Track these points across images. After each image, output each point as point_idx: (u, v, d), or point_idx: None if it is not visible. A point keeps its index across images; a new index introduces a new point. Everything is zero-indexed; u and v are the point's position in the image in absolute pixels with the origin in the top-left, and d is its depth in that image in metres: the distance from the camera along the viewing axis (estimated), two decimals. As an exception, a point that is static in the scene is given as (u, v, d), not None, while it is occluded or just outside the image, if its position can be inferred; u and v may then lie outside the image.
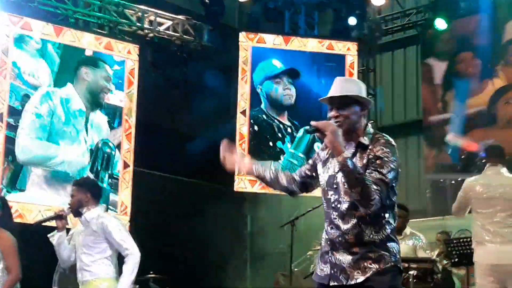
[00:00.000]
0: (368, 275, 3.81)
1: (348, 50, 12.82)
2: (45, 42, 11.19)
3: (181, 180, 12.42)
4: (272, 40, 12.78)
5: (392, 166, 3.85)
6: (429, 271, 8.01)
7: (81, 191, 6.24)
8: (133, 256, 6.02)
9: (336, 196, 3.96)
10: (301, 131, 12.64)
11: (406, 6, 13.79)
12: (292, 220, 9.55)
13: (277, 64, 12.75)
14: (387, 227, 3.95)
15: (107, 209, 10.86)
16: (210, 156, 12.38)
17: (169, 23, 12.51)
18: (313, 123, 3.89)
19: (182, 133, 12.54)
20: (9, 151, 10.65)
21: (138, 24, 12.28)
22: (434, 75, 13.52)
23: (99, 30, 11.91)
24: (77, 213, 6.18)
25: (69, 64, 11.37)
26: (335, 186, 3.98)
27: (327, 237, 4.01)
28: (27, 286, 6.61)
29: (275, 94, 12.80)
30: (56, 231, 6.26)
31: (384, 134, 4.13)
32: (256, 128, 12.68)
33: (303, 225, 10.28)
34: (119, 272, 6.24)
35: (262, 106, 12.77)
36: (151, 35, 12.43)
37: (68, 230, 6.60)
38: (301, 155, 12.57)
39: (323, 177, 4.11)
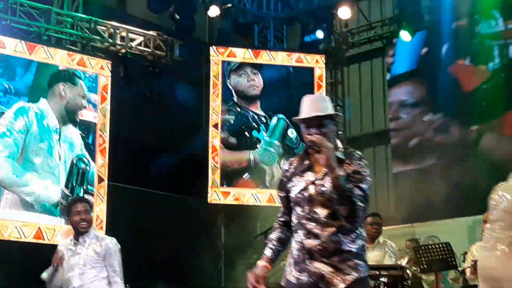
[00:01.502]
0: (348, 283, 3.76)
1: (317, 62, 12.76)
2: (16, 59, 11.18)
3: (156, 193, 12.19)
4: (242, 54, 12.59)
5: (368, 180, 3.87)
6: (399, 278, 7.83)
7: (90, 210, 6.26)
8: (119, 285, 6.03)
9: (310, 207, 3.90)
10: (274, 118, 12.66)
11: (371, 19, 13.66)
12: (265, 231, 9.55)
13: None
14: (361, 238, 3.93)
15: None
16: (183, 169, 12.54)
17: (141, 38, 12.28)
18: (312, 138, 3.85)
19: (155, 147, 12.38)
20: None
21: (110, 40, 12.06)
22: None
23: (71, 47, 11.74)
24: (85, 233, 6.09)
25: (41, 80, 11.22)
26: (308, 199, 3.91)
27: (302, 246, 3.88)
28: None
29: (241, 86, 12.72)
30: (50, 270, 6.11)
31: (352, 148, 4.16)
32: (232, 121, 12.57)
33: None
34: None
35: (235, 99, 12.66)
36: (123, 51, 12.17)
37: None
38: (277, 142, 12.55)
39: (294, 190, 4.00)
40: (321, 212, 3.86)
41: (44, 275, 6.06)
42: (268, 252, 3.96)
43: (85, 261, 5.97)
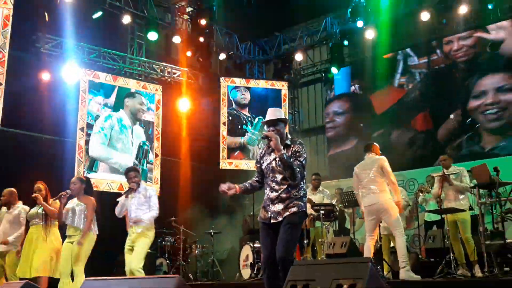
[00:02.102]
0: (290, 213, 4.15)
1: (283, 86, 13.17)
2: (105, 85, 11.23)
3: (191, 164, 12.34)
4: (238, 82, 12.96)
5: (304, 155, 4.24)
6: (331, 211, 8.29)
7: (137, 174, 6.36)
8: (155, 211, 6.20)
9: (272, 174, 4.25)
10: (256, 119, 12.92)
11: (314, 60, 13.82)
12: None
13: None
14: (302, 189, 4.28)
15: (146, 182, 10.99)
16: (206, 148, 12.04)
17: (179, 72, 12.57)
18: (264, 133, 4.25)
19: (192, 134, 12.34)
20: (87, 150, 10.69)
21: (161, 73, 12.33)
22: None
23: (138, 77, 11.99)
24: (138, 187, 6.26)
25: (120, 98, 11.43)
26: (271, 169, 4.26)
27: (268, 197, 4.24)
28: (100, 230, 6.48)
29: (236, 97, 12.92)
30: (123, 197, 6.23)
31: (296, 137, 4.49)
32: (230, 118, 12.87)
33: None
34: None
35: (233, 106, 12.92)
36: (169, 80, 12.48)
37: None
38: (257, 133, 12.84)
39: (264, 165, 4.34)
40: (278, 177, 4.22)
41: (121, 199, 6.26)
42: (241, 184, 4.41)
43: (138, 202, 6.19)
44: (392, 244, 7.51)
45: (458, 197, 7.05)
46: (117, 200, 6.29)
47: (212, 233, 9.75)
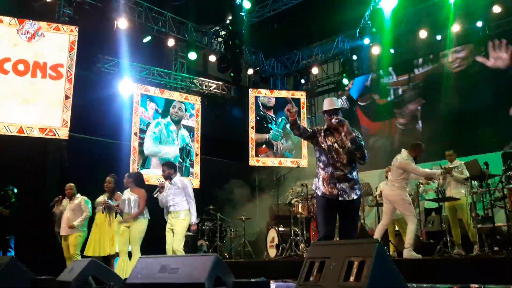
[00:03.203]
0: (357, 196, 3.93)
1: (301, 95, 13.07)
2: (154, 97, 11.43)
3: (224, 161, 12.53)
4: (264, 92, 12.96)
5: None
6: None
7: (168, 168, 6.32)
8: (194, 203, 6.19)
9: (337, 155, 3.94)
10: (280, 118, 12.83)
11: (329, 73, 13.72)
12: (277, 178, 9.95)
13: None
14: (357, 171, 4.07)
15: (188, 176, 11.12)
16: (238, 148, 12.23)
17: (214, 85, 12.72)
18: (338, 118, 3.94)
19: (223, 138, 12.58)
20: (140, 151, 10.91)
21: (199, 86, 12.47)
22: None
23: (181, 91, 12.12)
24: (168, 178, 6.26)
25: (167, 108, 11.60)
26: (335, 150, 3.95)
27: (334, 175, 3.90)
28: (152, 217, 6.42)
29: (263, 100, 12.82)
30: (158, 192, 6.20)
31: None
32: (258, 118, 12.74)
33: (283, 181, 10.64)
34: None
35: (260, 108, 12.81)
36: (206, 92, 12.61)
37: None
38: (279, 130, 12.75)
39: (323, 144, 4.00)
40: (344, 158, 3.94)
41: (154, 193, 6.24)
42: (299, 121, 4.01)
43: (173, 192, 6.16)
44: (396, 228, 7.43)
45: (457, 186, 6.96)
46: (154, 196, 6.29)
47: (244, 219, 9.80)
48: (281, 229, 8.80)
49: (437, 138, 10.71)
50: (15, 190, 7.96)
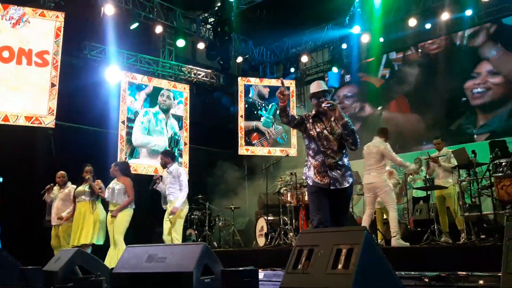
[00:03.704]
0: (350, 183, 3.81)
1: (291, 84, 12.84)
2: (142, 86, 11.19)
3: (212, 150, 12.44)
4: (253, 80, 12.78)
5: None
6: None
7: (165, 156, 6.47)
8: (184, 191, 6.20)
9: (327, 142, 3.80)
10: (270, 105, 12.71)
11: (318, 61, 13.70)
12: (267, 167, 9.42)
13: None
14: (348, 157, 3.93)
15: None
16: (226, 136, 12.07)
17: (203, 73, 12.66)
18: (329, 102, 3.77)
19: (212, 125, 12.49)
20: (128, 140, 10.76)
21: (188, 74, 12.39)
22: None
23: (169, 78, 11.98)
24: (165, 167, 6.38)
25: (155, 96, 11.42)
26: (325, 136, 3.80)
27: (324, 163, 3.77)
28: (138, 206, 6.48)
29: (259, 90, 12.63)
30: (155, 184, 6.35)
31: None
32: (247, 106, 12.52)
33: (272, 170, 10.45)
34: None
35: (250, 95, 12.59)
36: (195, 80, 12.53)
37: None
38: (271, 117, 12.64)
39: (312, 131, 3.86)
40: (334, 145, 3.80)
41: (150, 186, 6.45)
42: (288, 108, 3.85)
43: (170, 181, 6.24)
44: (385, 216, 7.51)
45: (445, 175, 7.00)
46: (150, 189, 6.39)
47: (233, 208, 9.80)
48: (270, 218, 8.84)
49: (427, 125, 10.68)
50: (0, 179, 7.88)
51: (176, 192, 6.22)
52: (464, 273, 3.60)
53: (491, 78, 10.61)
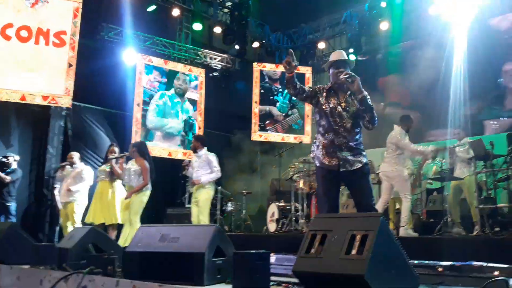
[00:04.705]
0: (362, 164, 3.51)
1: (307, 71, 12.71)
2: (158, 68, 11.23)
3: (226, 135, 12.35)
4: (269, 66, 12.75)
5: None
6: None
7: (196, 141, 6.70)
8: (217, 172, 6.50)
9: (340, 119, 3.52)
10: (285, 92, 12.40)
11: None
12: (280, 153, 9.66)
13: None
14: (361, 137, 3.65)
15: (189, 150, 10.52)
16: (241, 121, 12.05)
17: (219, 58, 12.55)
18: (347, 72, 3.50)
19: (226, 110, 12.32)
20: (143, 122, 10.79)
21: (204, 58, 12.28)
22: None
23: (185, 62, 11.91)
24: (195, 151, 6.62)
25: (171, 79, 11.47)
26: (338, 113, 3.52)
27: (333, 142, 3.51)
28: (154, 189, 6.45)
29: (270, 74, 12.63)
30: (185, 170, 6.78)
31: None
32: (263, 91, 12.53)
33: (285, 156, 10.04)
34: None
35: (266, 79, 12.61)
36: (211, 64, 12.42)
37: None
38: (286, 102, 12.59)
39: (325, 106, 3.57)
40: (347, 123, 3.52)
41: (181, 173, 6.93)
42: (296, 78, 3.62)
43: (198, 165, 6.50)
44: (397, 206, 7.43)
45: (462, 165, 6.93)
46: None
47: (245, 193, 9.79)
48: (282, 204, 8.80)
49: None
50: (17, 157, 8.01)
51: (204, 176, 6.41)
52: (478, 263, 3.57)
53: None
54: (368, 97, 3.50)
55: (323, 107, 3.57)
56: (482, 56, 10.17)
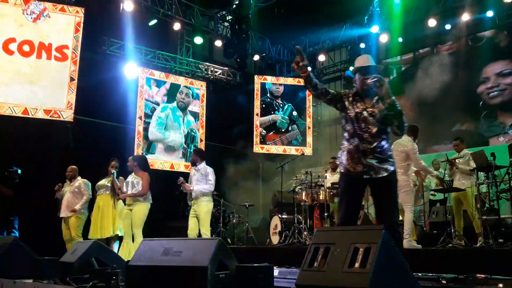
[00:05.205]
0: (388, 173, 3.35)
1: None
2: (159, 81, 11.40)
3: (228, 147, 12.51)
4: (270, 79, 12.88)
5: None
6: None
7: (195, 155, 6.55)
8: (211, 186, 6.33)
9: (365, 124, 3.39)
10: (286, 105, 12.78)
11: (335, 61, 13.59)
12: (282, 165, 9.51)
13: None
14: (389, 143, 3.51)
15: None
16: (242, 135, 12.23)
17: (220, 71, 12.69)
18: (378, 77, 3.38)
19: (227, 124, 12.54)
20: (145, 135, 10.93)
21: (205, 71, 12.41)
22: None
23: (186, 75, 12.08)
24: (194, 165, 6.48)
25: (173, 92, 11.57)
26: (363, 118, 3.40)
27: (359, 148, 3.37)
28: (155, 200, 6.43)
29: (271, 89, 12.74)
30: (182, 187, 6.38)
31: None
32: (264, 105, 12.68)
33: (287, 168, 10.12)
34: None
35: (267, 94, 12.73)
36: (211, 77, 12.56)
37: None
38: (286, 117, 12.70)
39: (351, 111, 3.44)
40: (373, 129, 3.39)
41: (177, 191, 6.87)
42: (314, 77, 3.53)
43: (196, 179, 6.34)
44: (400, 218, 7.32)
45: (462, 177, 6.86)
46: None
47: (247, 205, 9.79)
48: (284, 216, 8.80)
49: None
50: (19, 171, 7.99)
51: (201, 187, 6.34)
52: (483, 275, 3.52)
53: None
54: (397, 102, 3.43)
55: (349, 112, 3.46)
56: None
